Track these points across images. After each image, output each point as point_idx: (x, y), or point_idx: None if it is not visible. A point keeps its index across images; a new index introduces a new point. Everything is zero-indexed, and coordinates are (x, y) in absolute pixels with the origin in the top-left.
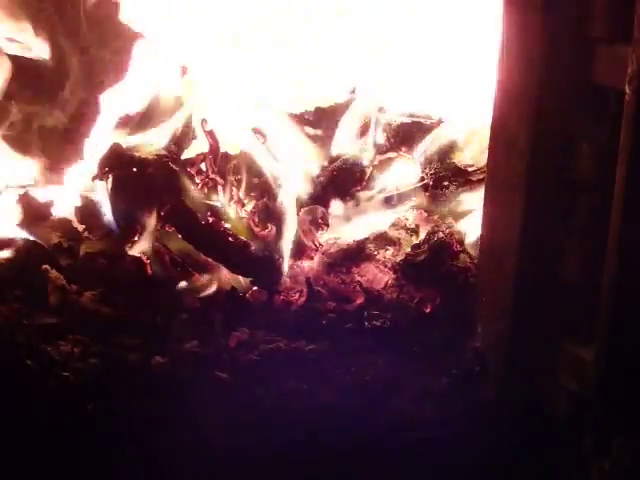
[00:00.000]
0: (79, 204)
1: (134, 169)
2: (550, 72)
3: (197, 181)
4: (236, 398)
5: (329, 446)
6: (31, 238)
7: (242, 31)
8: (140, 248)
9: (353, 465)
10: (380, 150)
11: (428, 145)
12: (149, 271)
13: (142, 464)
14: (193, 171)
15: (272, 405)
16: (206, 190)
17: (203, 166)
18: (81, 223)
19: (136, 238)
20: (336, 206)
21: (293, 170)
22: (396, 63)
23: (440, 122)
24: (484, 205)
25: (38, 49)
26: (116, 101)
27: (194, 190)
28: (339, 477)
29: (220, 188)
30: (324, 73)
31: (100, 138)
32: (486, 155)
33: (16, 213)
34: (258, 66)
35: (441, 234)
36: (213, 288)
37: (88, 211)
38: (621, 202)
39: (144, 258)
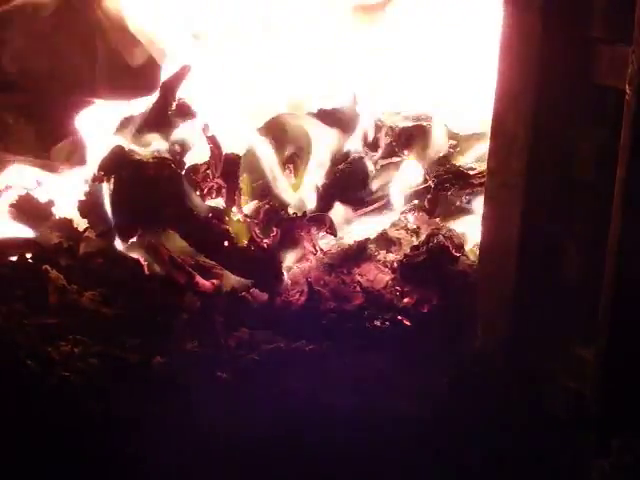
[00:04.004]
0: (82, 199)
1: (136, 171)
2: (550, 72)
3: (201, 185)
4: (236, 398)
5: (329, 446)
6: (31, 238)
7: (244, 32)
8: (140, 249)
9: (353, 465)
10: (383, 153)
11: (430, 148)
12: (147, 272)
13: (141, 464)
14: (197, 175)
15: (272, 405)
16: (209, 193)
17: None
18: (83, 217)
19: (136, 239)
20: (339, 208)
21: (297, 172)
22: (397, 66)
23: (442, 124)
24: (484, 205)
25: None
26: (118, 102)
27: (196, 192)
28: (339, 477)
29: (223, 192)
30: (326, 75)
31: (102, 140)
32: None
33: (16, 213)
34: (260, 68)
35: (440, 237)
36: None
37: (91, 206)
38: (621, 202)
39: (142, 259)
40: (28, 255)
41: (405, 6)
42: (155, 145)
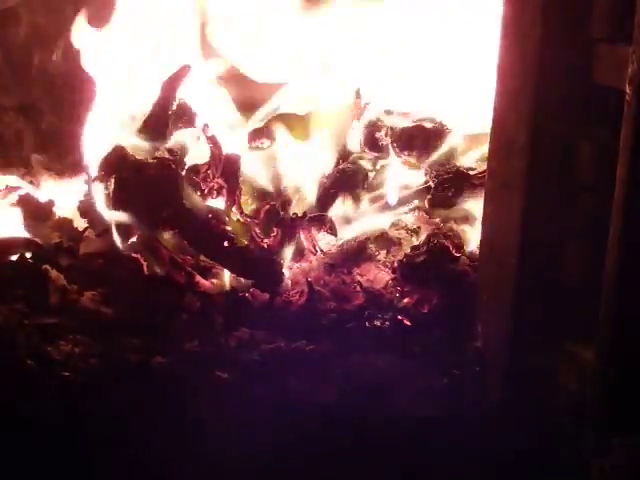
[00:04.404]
0: (82, 199)
1: (136, 171)
2: (550, 72)
3: (201, 185)
4: (236, 398)
5: (329, 446)
6: (31, 238)
7: (246, 32)
8: (140, 249)
9: (353, 465)
10: (383, 153)
11: (431, 148)
12: (146, 272)
13: (142, 464)
14: (197, 175)
15: (272, 405)
16: (209, 194)
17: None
18: (83, 217)
19: (136, 239)
20: (339, 208)
21: (297, 173)
22: (397, 66)
23: (442, 125)
24: (484, 205)
25: None
26: (119, 102)
27: (195, 193)
28: (339, 477)
29: (223, 192)
30: (326, 76)
31: (102, 139)
32: None
33: (16, 213)
34: (261, 69)
35: (441, 237)
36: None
37: (91, 206)
38: (621, 202)
39: (141, 259)
40: (28, 255)
41: (405, 5)
42: (155, 145)
